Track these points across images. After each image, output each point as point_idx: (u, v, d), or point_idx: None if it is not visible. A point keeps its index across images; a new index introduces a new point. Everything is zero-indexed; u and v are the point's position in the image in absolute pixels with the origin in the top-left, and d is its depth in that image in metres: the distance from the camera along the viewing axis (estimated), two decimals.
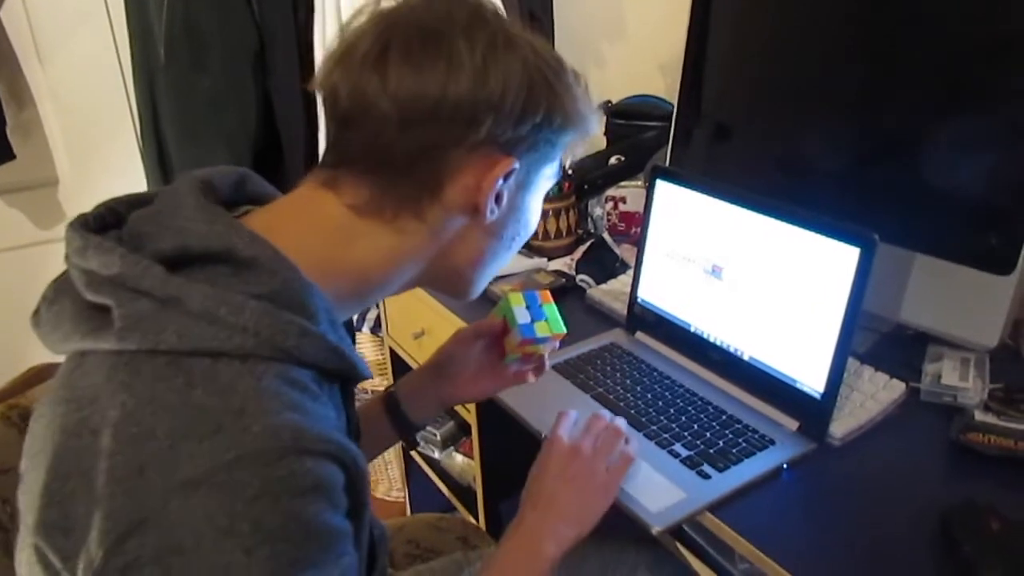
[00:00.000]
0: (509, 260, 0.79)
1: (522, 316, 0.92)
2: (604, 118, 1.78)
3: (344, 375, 0.66)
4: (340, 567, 0.58)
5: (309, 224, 0.67)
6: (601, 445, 0.89)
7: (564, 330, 0.93)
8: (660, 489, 0.91)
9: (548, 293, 0.96)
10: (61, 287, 0.64)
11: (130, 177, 2.05)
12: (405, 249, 0.69)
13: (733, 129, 1.37)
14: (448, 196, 0.67)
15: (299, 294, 0.61)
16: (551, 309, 0.94)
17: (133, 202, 0.68)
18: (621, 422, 0.93)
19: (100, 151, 2.09)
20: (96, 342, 0.59)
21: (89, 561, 0.53)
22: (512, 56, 0.65)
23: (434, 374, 1.01)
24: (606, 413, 0.94)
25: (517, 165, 0.68)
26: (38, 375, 0.95)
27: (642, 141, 1.69)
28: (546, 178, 0.75)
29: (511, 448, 1.27)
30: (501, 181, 0.68)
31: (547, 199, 1.58)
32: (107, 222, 0.67)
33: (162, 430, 0.54)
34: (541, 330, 0.92)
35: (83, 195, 2.11)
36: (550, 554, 0.81)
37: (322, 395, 0.62)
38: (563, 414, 0.92)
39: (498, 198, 0.69)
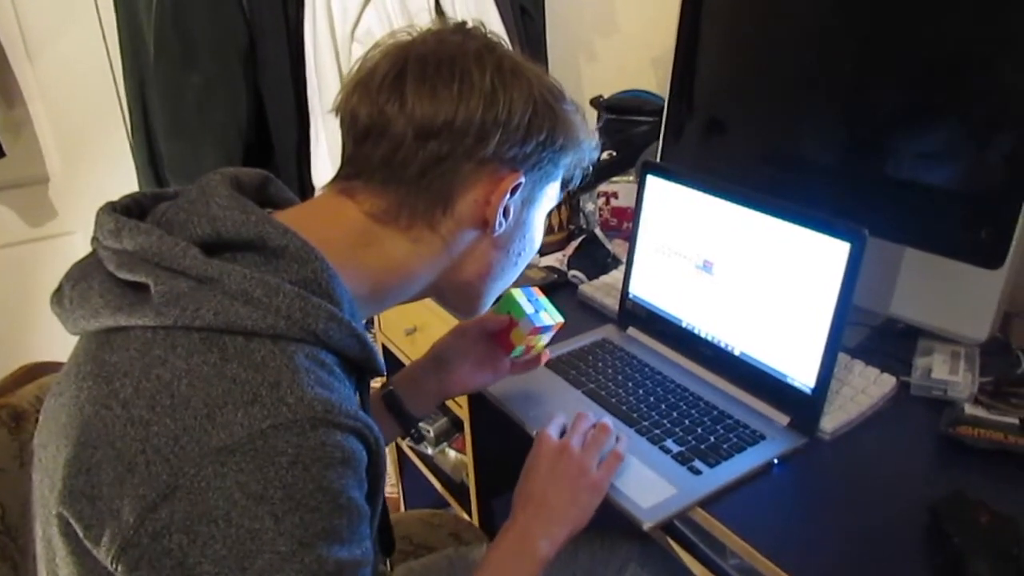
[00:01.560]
0: (515, 276, 0.84)
1: (527, 307, 0.97)
2: (595, 113, 1.78)
3: (362, 366, 0.69)
4: (363, 548, 0.61)
5: (331, 225, 0.71)
6: (590, 443, 0.91)
7: (562, 319, 0.99)
8: (651, 485, 0.91)
9: (539, 289, 1.02)
10: (87, 267, 0.66)
11: (121, 174, 2.04)
12: (420, 258, 0.73)
13: (724, 124, 1.37)
14: (459, 209, 0.72)
15: (327, 283, 0.64)
16: (547, 301, 1.01)
17: (158, 196, 0.71)
18: (608, 420, 0.95)
19: (90, 149, 2.08)
20: (130, 317, 0.60)
21: (119, 528, 0.55)
22: (518, 81, 0.71)
23: (433, 367, 1.03)
24: (592, 413, 0.96)
25: (523, 180, 0.73)
26: (28, 374, 0.95)
27: (634, 136, 1.69)
28: (548, 196, 0.81)
29: (504, 444, 1.27)
30: (508, 195, 0.73)
31: None
32: (132, 212, 0.69)
33: (198, 400, 0.56)
34: (546, 319, 0.97)
35: (74, 192, 2.10)
36: (543, 553, 0.83)
37: (345, 380, 0.65)
38: (553, 416, 0.96)
39: (506, 212, 0.74)
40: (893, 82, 1.08)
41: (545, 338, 1.00)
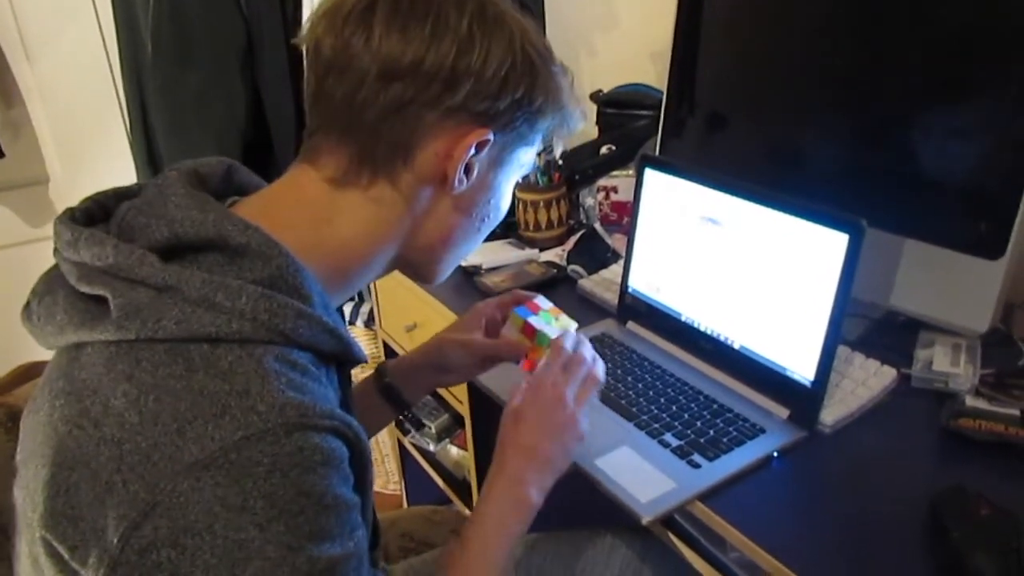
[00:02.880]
0: (477, 244, 0.80)
1: (552, 332, 0.92)
2: (595, 107, 1.77)
3: (340, 357, 0.67)
4: (354, 539, 0.60)
5: (292, 207, 0.68)
6: (581, 393, 0.87)
7: (574, 324, 0.96)
8: (650, 479, 0.91)
9: (535, 302, 0.98)
10: (51, 281, 0.65)
11: (120, 173, 2.04)
12: (381, 223, 0.70)
13: (723, 118, 1.37)
14: (420, 162, 0.68)
15: (293, 278, 0.62)
16: (546, 315, 0.97)
17: (120, 195, 0.69)
18: (600, 368, 0.90)
19: (90, 148, 2.08)
20: (92, 333, 0.59)
21: (104, 549, 0.54)
22: (499, 31, 0.66)
23: (434, 368, 1.02)
24: (587, 350, 0.90)
25: (491, 138, 0.69)
26: (26, 373, 0.95)
27: (633, 130, 1.68)
28: (520, 163, 0.76)
29: None
30: (473, 150, 0.69)
31: (538, 190, 1.58)
32: (95, 215, 0.67)
33: (167, 415, 0.55)
34: (554, 327, 0.94)
35: (74, 192, 2.10)
36: (534, 501, 0.81)
37: (321, 376, 0.63)
38: (557, 349, 0.89)
39: (468, 170, 0.70)
40: (892, 74, 1.08)
41: (562, 320, 0.98)
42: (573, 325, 0.95)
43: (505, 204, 0.78)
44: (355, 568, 0.59)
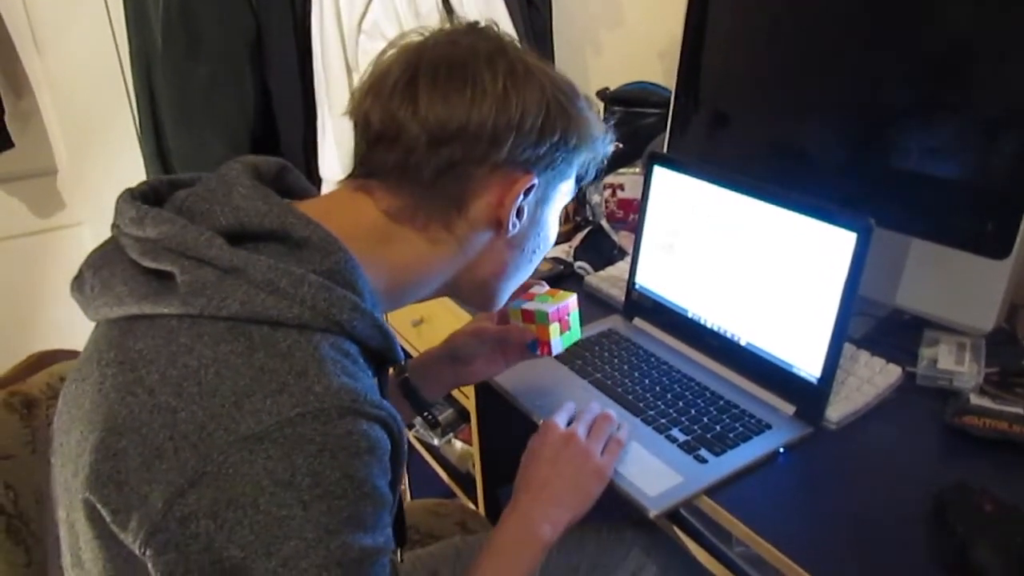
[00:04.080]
0: (531, 271, 0.84)
1: (537, 306, 0.97)
2: (602, 105, 1.77)
3: (382, 356, 0.69)
4: (385, 536, 0.61)
5: (351, 218, 0.71)
6: (594, 432, 0.92)
7: (572, 294, 1.00)
8: (657, 473, 0.91)
9: (531, 291, 1.01)
10: (108, 254, 0.67)
11: (128, 165, 2.04)
12: (436, 257, 0.74)
13: (730, 115, 1.37)
14: (473, 212, 0.72)
15: (350, 274, 0.65)
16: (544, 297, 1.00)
17: (175, 183, 0.71)
18: (613, 411, 0.97)
19: (98, 139, 2.08)
20: (156, 306, 0.61)
21: (146, 513, 0.55)
22: (530, 84, 0.70)
23: (449, 361, 1.04)
24: (598, 404, 0.97)
25: (536, 181, 0.73)
26: (39, 362, 0.96)
27: (640, 128, 1.69)
28: (563, 194, 0.80)
29: (510, 435, 1.27)
30: (522, 197, 0.73)
31: None
32: (149, 200, 0.69)
33: (226, 388, 0.56)
34: (554, 302, 0.98)
35: (82, 183, 2.10)
36: (545, 537, 0.83)
37: (367, 369, 0.66)
38: (558, 407, 0.97)
39: (519, 213, 0.74)
40: (900, 73, 1.08)
41: (572, 318, 1.00)
42: (572, 296, 0.99)
43: (553, 233, 0.83)
44: (382, 566, 0.60)
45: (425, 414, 1.06)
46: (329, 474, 0.56)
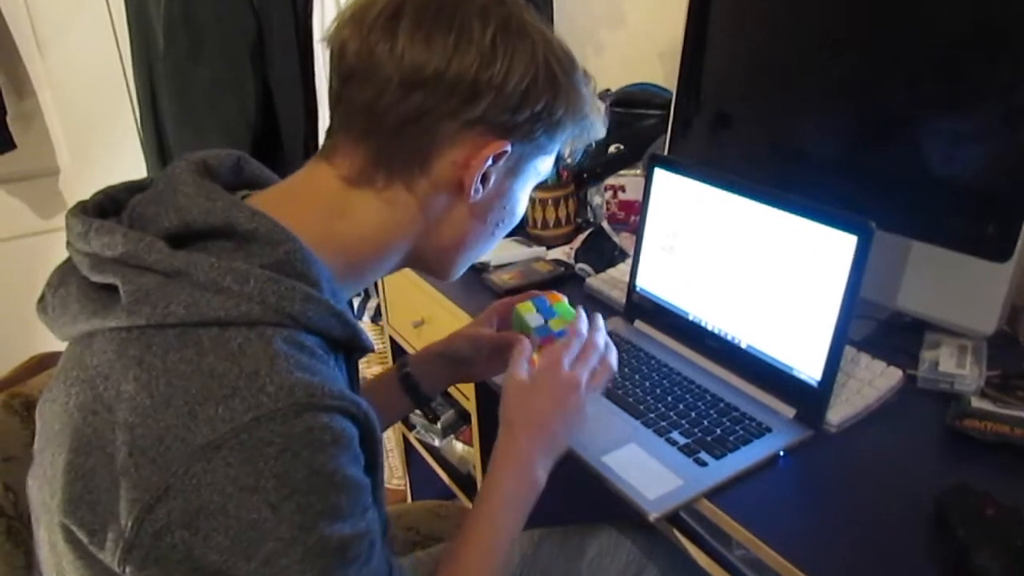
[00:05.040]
0: (492, 246, 0.80)
1: (534, 320, 0.94)
2: (603, 106, 1.77)
3: (348, 344, 0.68)
4: (366, 520, 0.61)
5: (305, 200, 0.69)
6: (593, 378, 0.87)
7: (574, 316, 0.95)
8: (657, 476, 0.91)
9: (556, 293, 0.98)
10: (65, 273, 0.66)
11: (130, 166, 2.05)
12: (394, 223, 0.70)
13: (731, 117, 1.37)
14: (437, 170, 0.69)
15: (301, 263, 0.63)
16: (561, 306, 0.97)
17: (131, 188, 0.70)
18: (613, 356, 0.91)
19: (100, 140, 2.09)
20: (104, 320, 0.60)
21: (120, 531, 0.55)
22: (522, 43, 0.66)
23: (448, 362, 1.04)
24: (600, 336, 0.91)
25: (509, 149, 0.69)
26: (40, 364, 0.96)
27: (641, 129, 1.69)
28: (538, 171, 0.76)
29: None
30: (490, 162, 0.69)
31: (546, 187, 1.59)
32: (106, 209, 0.68)
33: (178, 398, 0.55)
34: (555, 325, 0.94)
35: (84, 184, 2.11)
36: (541, 481, 0.81)
37: (329, 361, 0.64)
38: (575, 332, 0.89)
39: (484, 179, 0.70)
40: (901, 74, 1.08)
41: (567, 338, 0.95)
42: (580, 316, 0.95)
43: (521, 209, 0.79)
44: (368, 548, 0.60)
45: (426, 409, 1.05)
46: (294, 473, 0.55)
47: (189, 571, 0.54)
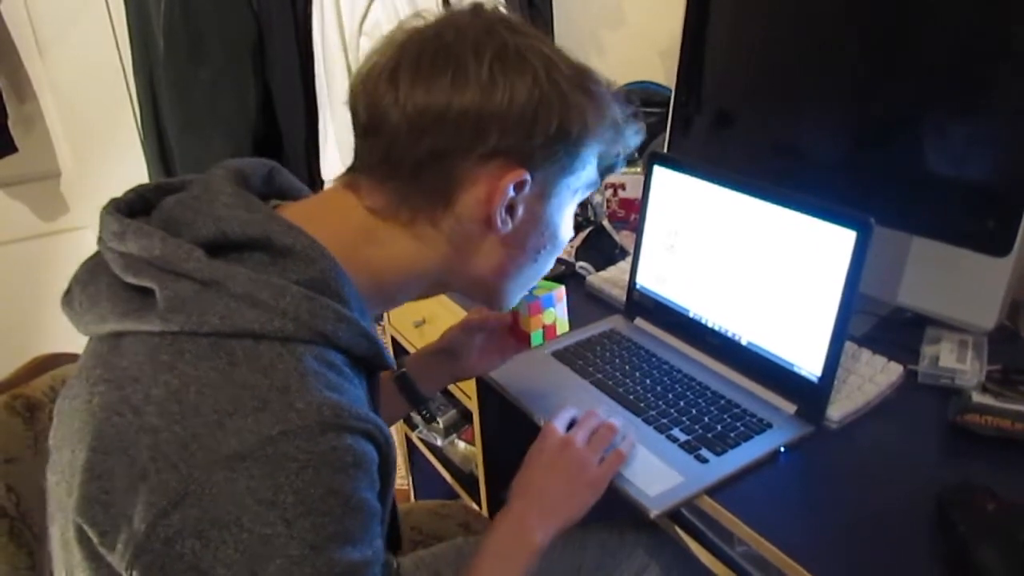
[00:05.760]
0: (543, 272, 0.80)
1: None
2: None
3: (371, 363, 0.68)
4: (373, 548, 0.60)
5: (337, 221, 0.69)
6: (595, 440, 0.91)
7: (560, 286, 0.99)
8: (658, 473, 0.91)
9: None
10: (95, 269, 0.66)
11: (131, 168, 2.05)
12: (423, 255, 0.71)
13: (731, 115, 1.37)
14: (460, 207, 0.69)
15: (335, 282, 0.63)
16: (544, 282, 0.99)
17: (163, 189, 0.70)
18: (617, 420, 0.95)
19: (101, 143, 2.10)
20: (138, 323, 0.60)
21: (131, 534, 0.55)
22: (521, 68, 0.66)
23: (444, 357, 1.04)
24: (604, 411, 0.96)
25: (528, 177, 0.68)
26: (42, 365, 0.96)
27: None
28: (573, 189, 0.75)
29: (512, 435, 1.27)
30: (511, 192, 0.68)
31: None
32: (136, 207, 0.68)
33: (207, 407, 0.56)
34: (539, 291, 0.97)
35: (85, 187, 2.12)
36: (537, 543, 0.83)
37: (352, 378, 0.65)
38: (561, 408, 0.95)
39: (511, 209, 0.70)
40: (900, 70, 1.08)
41: (556, 311, 0.99)
42: (557, 288, 1.00)
43: (565, 232, 0.77)
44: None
45: (422, 410, 1.06)
46: (313, 491, 0.55)
47: None
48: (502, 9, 0.71)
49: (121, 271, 0.62)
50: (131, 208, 0.68)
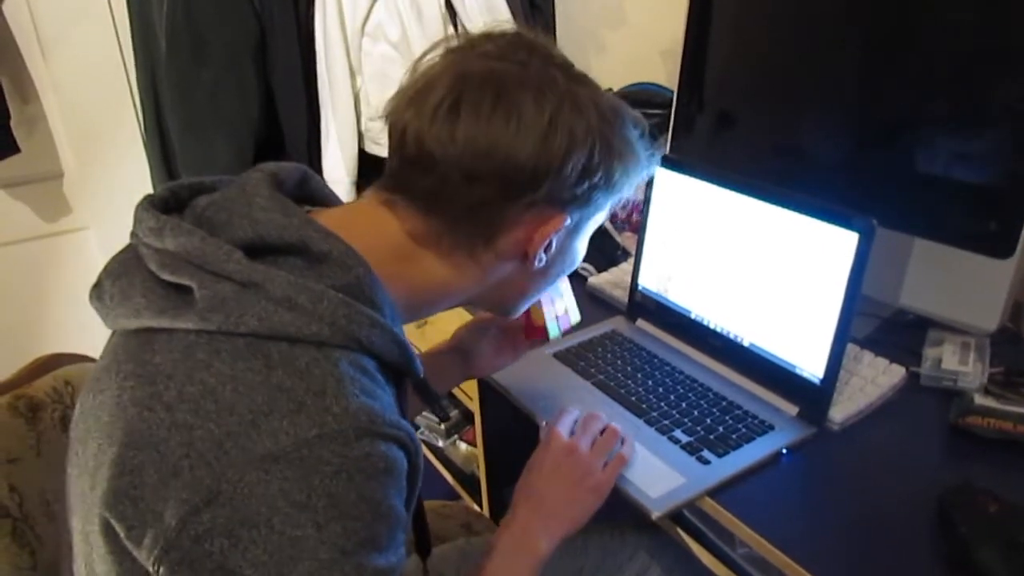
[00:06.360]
0: (551, 286, 0.85)
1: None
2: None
3: (401, 369, 0.68)
4: (398, 555, 0.61)
5: (373, 233, 0.69)
6: (598, 445, 0.91)
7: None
8: (660, 474, 0.91)
9: None
10: (128, 263, 0.66)
11: (134, 170, 2.05)
12: (456, 282, 0.73)
13: (733, 116, 1.37)
14: (501, 245, 0.71)
15: (370, 290, 0.63)
16: None
17: (195, 188, 0.70)
18: (618, 420, 0.95)
19: (104, 144, 2.09)
20: (174, 321, 0.60)
21: (161, 530, 0.55)
22: (579, 119, 0.67)
23: (457, 357, 1.04)
24: (606, 413, 0.96)
25: (569, 222, 0.71)
26: (44, 366, 0.96)
27: None
28: (596, 222, 0.78)
29: (514, 436, 1.28)
30: (553, 236, 0.71)
31: None
32: (169, 205, 0.68)
33: (243, 407, 0.56)
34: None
35: (87, 188, 2.12)
36: (542, 550, 0.83)
37: (385, 385, 0.65)
38: (563, 411, 0.94)
39: (547, 247, 0.72)
40: (903, 72, 1.08)
41: (566, 299, 0.99)
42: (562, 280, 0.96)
43: (581, 256, 0.81)
44: None
45: (436, 409, 1.06)
46: (345, 496, 0.55)
47: None
48: (548, 46, 0.71)
49: (158, 267, 0.62)
50: (165, 205, 0.68)
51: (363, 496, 0.56)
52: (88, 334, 0.69)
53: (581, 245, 0.80)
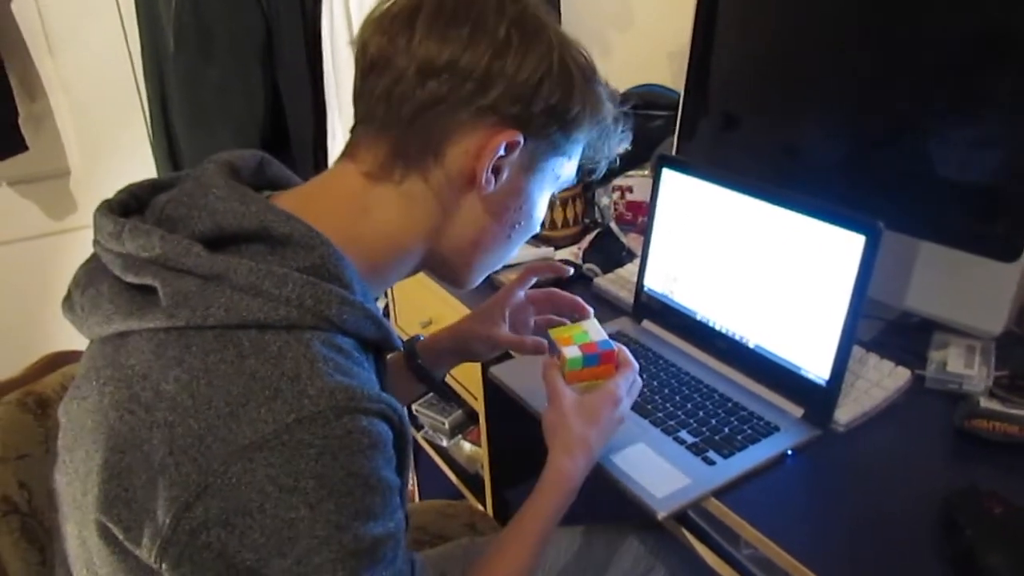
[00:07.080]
0: (511, 252, 0.81)
1: (597, 334, 0.93)
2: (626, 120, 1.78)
3: (379, 344, 0.69)
4: (395, 520, 0.62)
5: (330, 201, 0.70)
6: (629, 394, 0.91)
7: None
8: (665, 475, 0.92)
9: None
10: (93, 272, 0.66)
11: (141, 167, 2.06)
12: (413, 218, 0.72)
13: (739, 117, 1.37)
14: (450, 158, 0.70)
15: (335, 267, 0.64)
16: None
17: (155, 186, 0.70)
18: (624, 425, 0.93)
19: (111, 142, 2.10)
20: (142, 321, 0.61)
21: (156, 528, 0.56)
22: (537, 38, 0.68)
23: (459, 353, 1.06)
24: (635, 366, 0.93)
25: (521, 140, 0.70)
26: (52, 362, 0.97)
27: (649, 130, 1.69)
28: (556, 174, 0.77)
29: (518, 436, 1.28)
30: (502, 151, 0.69)
31: None
32: (129, 206, 0.68)
33: (219, 399, 0.56)
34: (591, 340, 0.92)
35: (94, 185, 2.12)
36: (576, 489, 0.85)
37: (363, 361, 0.65)
38: (629, 366, 0.91)
39: (497, 171, 0.71)
40: (909, 74, 1.08)
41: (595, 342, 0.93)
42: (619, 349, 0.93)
43: (538, 213, 0.80)
44: (394, 548, 0.61)
45: (440, 391, 1.07)
46: (333, 475, 0.56)
47: (223, 569, 0.55)
48: None
49: (121, 271, 0.63)
50: (124, 208, 0.68)
51: (351, 472, 0.57)
52: None
53: (539, 197, 0.78)
